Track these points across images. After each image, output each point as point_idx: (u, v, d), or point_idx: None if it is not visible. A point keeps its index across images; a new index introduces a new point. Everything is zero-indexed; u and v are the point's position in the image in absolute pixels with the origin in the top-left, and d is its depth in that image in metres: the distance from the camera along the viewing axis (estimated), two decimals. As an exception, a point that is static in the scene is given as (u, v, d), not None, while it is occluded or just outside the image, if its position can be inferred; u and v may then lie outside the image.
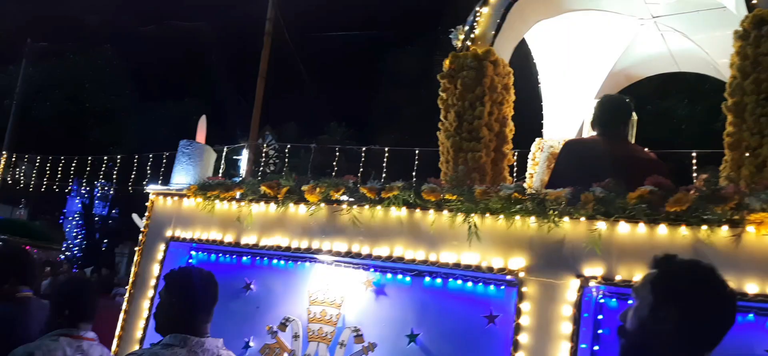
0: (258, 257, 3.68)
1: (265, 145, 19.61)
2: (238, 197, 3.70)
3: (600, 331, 2.76)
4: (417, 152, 11.39)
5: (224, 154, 16.11)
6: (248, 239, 3.61)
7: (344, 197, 3.40)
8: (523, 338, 2.78)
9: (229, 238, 3.69)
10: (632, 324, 1.76)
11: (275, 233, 3.54)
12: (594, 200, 2.71)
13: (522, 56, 4.79)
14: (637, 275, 2.38)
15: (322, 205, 3.43)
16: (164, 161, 13.16)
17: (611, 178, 2.81)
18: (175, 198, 3.97)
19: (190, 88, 23.21)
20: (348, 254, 3.29)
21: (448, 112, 3.74)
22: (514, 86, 3.99)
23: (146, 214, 4.05)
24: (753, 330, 2.51)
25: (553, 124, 4.90)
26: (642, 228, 2.65)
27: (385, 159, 13.52)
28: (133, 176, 16.15)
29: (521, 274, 2.85)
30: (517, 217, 2.91)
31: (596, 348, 2.73)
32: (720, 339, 1.69)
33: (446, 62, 3.80)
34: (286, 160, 17.11)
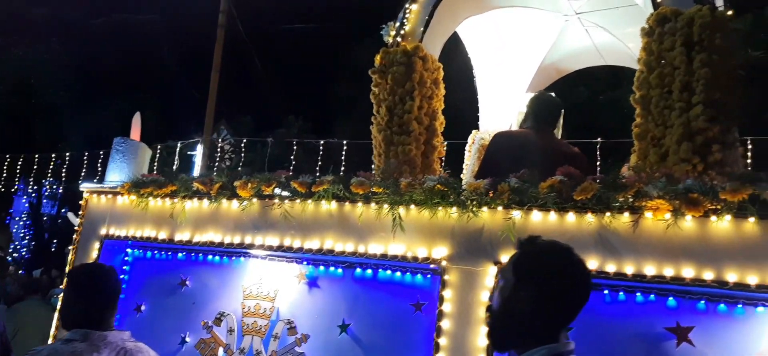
0: (193, 254, 3.70)
1: (220, 140, 19.38)
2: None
3: (517, 315, 2.89)
4: (375, 145, 11.43)
5: (178, 150, 15.86)
6: (182, 235, 3.63)
7: (276, 192, 3.45)
8: (446, 324, 2.89)
9: (163, 235, 3.70)
10: (497, 304, 1.85)
11: (209, 229, 3.57)
12: (509, 191, 2.84)
13: (464, 51, 4.91)
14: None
15: (255, 200, 3.47)
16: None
17: (535, 168, 2.95)
18: (109, 196, 3.95)
19: (142, 83, 22.66)
20: (280, 248, 3.35)
21: (379, 106, 3.83)
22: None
23: (80, 212, 4.03)
24: (654, 309, 2.67)
25: (488, 117, 5.04)
26: (553, 216, 2.79)
27: (343, 152, 13.55)
28: (82, 174, 15.74)
29: (444, 263, 2.95)
30: (440, 208, 3.02)
31: (513, 331, 2.87)
32: (575, 316, 1.81)
33: (377, 58, 3.88)
34: (242, 155, 16.91)
